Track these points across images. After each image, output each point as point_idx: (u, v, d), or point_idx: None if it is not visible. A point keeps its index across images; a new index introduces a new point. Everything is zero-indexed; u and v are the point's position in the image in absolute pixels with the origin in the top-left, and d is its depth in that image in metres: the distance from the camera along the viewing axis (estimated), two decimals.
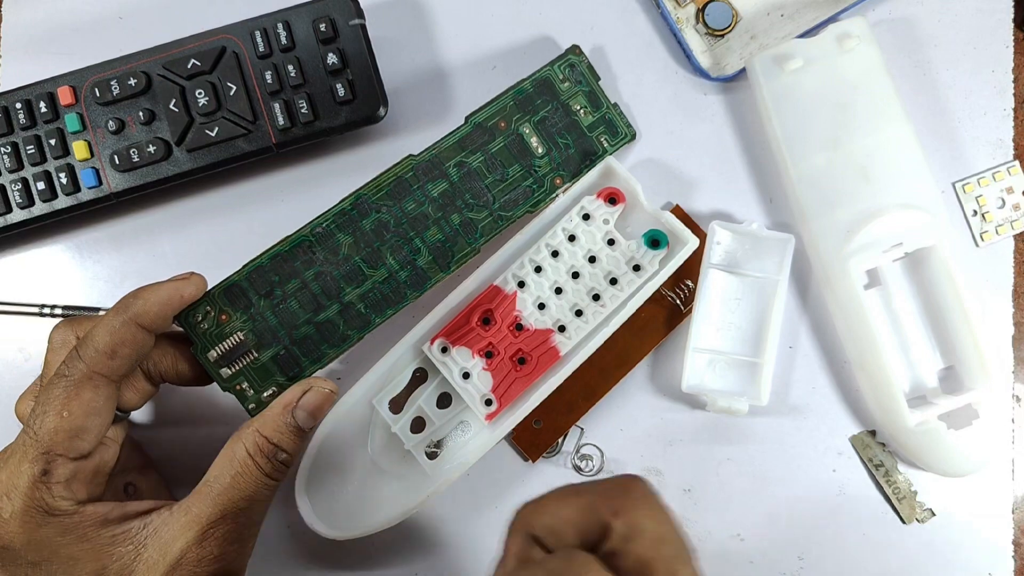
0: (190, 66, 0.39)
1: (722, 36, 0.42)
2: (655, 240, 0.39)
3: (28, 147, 0.39)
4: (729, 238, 0.40)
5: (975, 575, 0.40)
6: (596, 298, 0.38)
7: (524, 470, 0.41)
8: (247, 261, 0.37)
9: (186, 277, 0.35)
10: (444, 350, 0.38)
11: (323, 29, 0.39)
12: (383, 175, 0.38)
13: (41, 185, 0.39)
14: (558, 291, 0.38)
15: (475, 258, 0.38)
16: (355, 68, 0.39)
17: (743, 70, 0.41)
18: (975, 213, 0.42)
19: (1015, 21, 0.42)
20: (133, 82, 0.39)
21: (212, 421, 0.41)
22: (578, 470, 0.40)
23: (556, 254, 0.39)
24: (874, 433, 0.41)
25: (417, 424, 0.38)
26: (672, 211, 0.41)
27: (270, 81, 0.39)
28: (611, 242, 0.39)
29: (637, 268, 0.39)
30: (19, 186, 0.39)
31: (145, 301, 0.33)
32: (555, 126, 0.39)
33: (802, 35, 0.41)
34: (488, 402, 0.38)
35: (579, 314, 0.38)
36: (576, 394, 0.40)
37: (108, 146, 0.39)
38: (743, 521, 0.40)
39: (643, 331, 0.40)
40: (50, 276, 0.42)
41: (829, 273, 0.39)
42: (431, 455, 0.38)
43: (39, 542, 0.31)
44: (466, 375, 0.38)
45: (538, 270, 0.39)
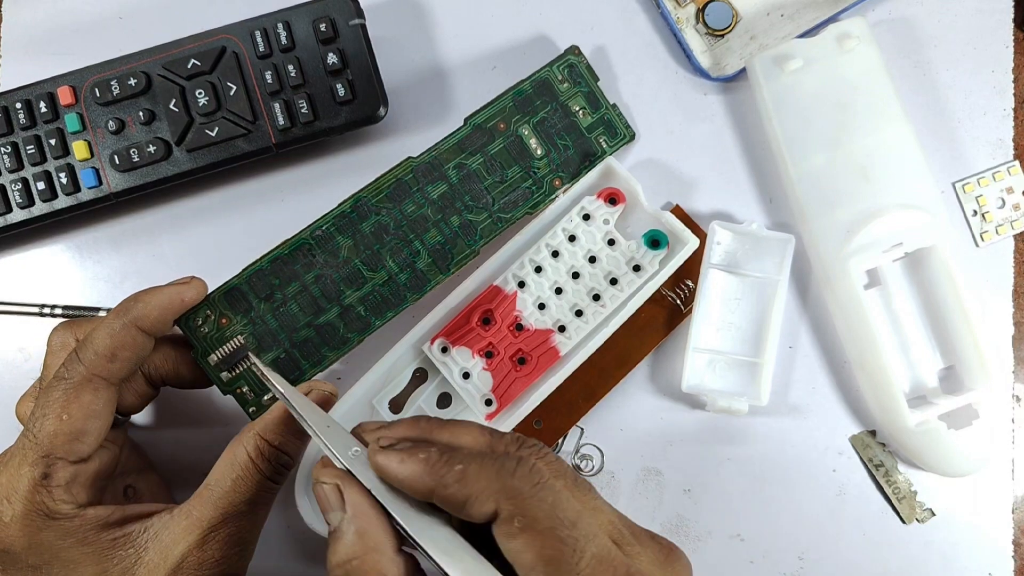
0: (190, 66, 0.39)
1: (722, 36, 0.42)
2: (655, 240, 0.39)
3: (28, 147, 0.39)
4: (729, 238, 0.40)
5: (975, 575, 0.40)
6: (596, 298, 0.38)
7: None
8: (247, 264, 0.37)
9: (187, 281, 0.35)
10: (444, 350, 0.38)
11: (323, 29, 0.39)
12: (382, 177, 0.38)
13: (41, 185, 0.39)
14: (558, 291, 0.38)
15: (475, 258, 0.38)
16: (355, 68, 0.39)
17: (743, 70, 0.41)
18: (975, 213, 0.42)
19: (1015, 21, 0.42)
20: (133, 82, 0.39)
21: (212, 423, 0.41)
22: (578, 470, 0.40)
23: (556, 254, 0.39)
24: (874, 433, 0.41)
25: None
26: (672, 211, 0.41)
27: (270, 81, 0.39)
28: (611, 242, 0.39)
29: (637, 268, 0.39)
30: (19, 186, 0.39)
31: (146, 304, 0.33)
32: (554, 127, 0.39)
33: (802, 35, 0.41)
34: (488, 402, 0.38)
35: (579, 314, 0.38)
36: (576, 394, 0.40)
37: (108, 146, 0.39)
38: (743, 521, 0.40)
39: (643, 331, 0.40)
40: (50, 276, 0.42)
41: (829, 273, 0.39)
42: None
43: (40, 546, 0.31)
44: (466, 375, 0.38)
45: (538, 270, 0.39)
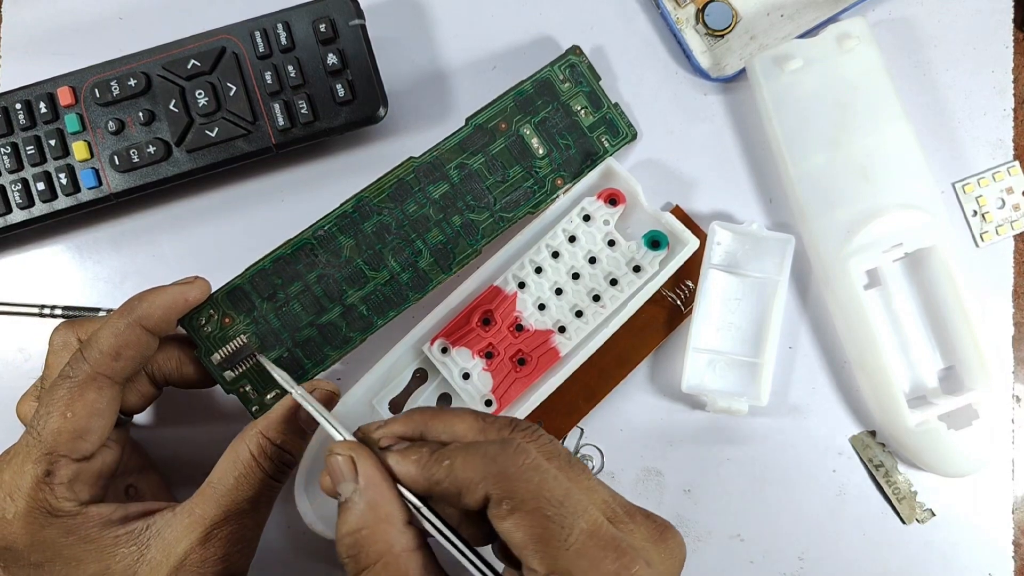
0: (190, 66, 0.39)
1: (722, 36, 0.42)
2: (655, 241, 0.39)
3: (28, 147, 0.39)
4: (729, 238, 0.40)
5: (975, 575, 0.40)
6: (596, 299, 0.38)
7: None
8: (250, 264, 0.37)
9: (190, 281, 0.35)
10: (444, 351, 0.38)
11: (323, 29, 0.39)
12: (384, 177, 0.38)
13: (41, 185, 0.39)
14: (558, 292, 0.38)
15: (475, 259, 0.38)
16: (355, 68, 0.39)
17: (743, 70, 0.41)
18: (975, 213, 0.42)
19: (1015, 21, 0.42)
20: (133, 82, 0.39)
21: (214, 422, 0.41)
22: None
23: (556, 255, 0.39)
24: (874, 433, 0.41)
25: None
26: (672, 212, 0.41)
27: (270, 81, 0.39)
28: (611, 243, 0.39)
29: (637, 269, 0.39)
30: (19, 186, 0.39)
31: (150, 304, 0.34)
32: (556, 127, 0.39)
33: (802, 35, 0.41)
34: (488, 403, 0.38)
35: (579, 315, 0.38)
36: (576, 395, 0.39)
37: (108, 146, 0.39)
38: (743, 521, 0.40)
39: (643, 332, 0.40)
40: (50, 276, 0.42)
41: (829, 273, 0.39)
42: None
43: (42, 543, 0.31)
44: (466, 376, 0.38)
45: (538, 271, 0.39)
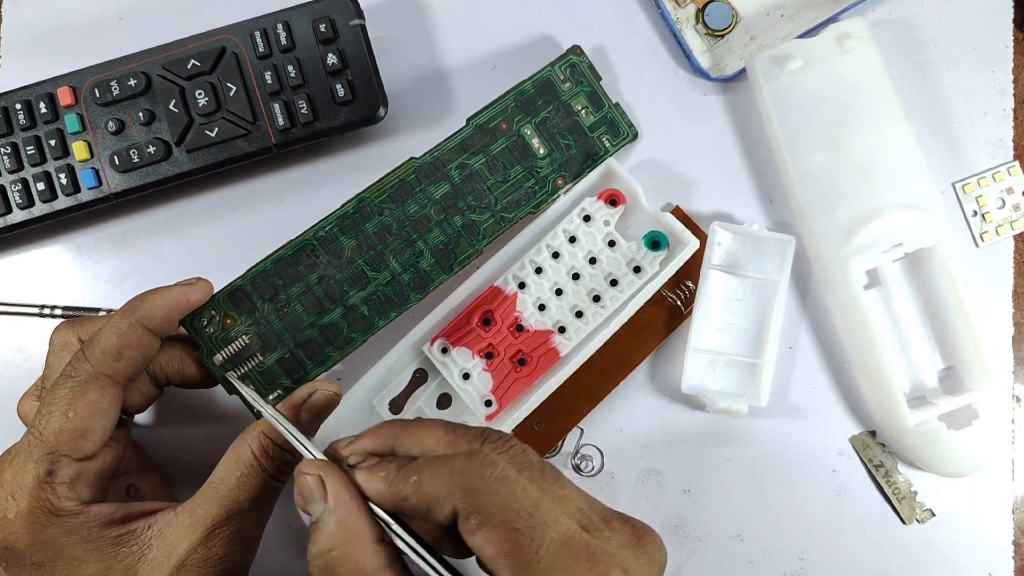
0: (190, 66, 0.39)
1: (722, 36, 0.42)
2: (655, 241, 0.39)
3: (28, 148, 0.39)
4: (730, 239, 0.40)
5: (975, 575, 0.40)
6: (596, 299, 0.38)
7: None
8: (251, 265, 0.37)
9: (193, 282, 0.36)
10: (444, 351, 0.38)
11: (323, 29, 0.39)
12: (385, 178, 0.38)
13: (41, 186, 0.39)
14: (558, 292, 0.38)
15: (476, 259, 0.38)
16: (355, 68, 0.39)
17: (743, 70, 0.41)
18: (975, 213, 0.42)
19: (1015, 21, 0.42)
20: (133, 82, 0.39)
21: (215, 422, 0.41)
22: (578, 470, 0.40)
23: (557, 255, 0.39)
24: (874, 433, 0.41)
25: None
26: (672, 212, 0.41)
27: (270, 81, 0.39)
28: (611, 243, 0.39)
29: (637, 269, 0.39)
30: (19, 187, 0.39)
31: (152, 304, 0.34)
32: (556, 127, 0.39)
33: (802, 35, 0.41)
34: (488, 403, 0.38)
35: (579, 315, 0.38)
36: (576, 396, 0.39)
37: (108, 147, 0.39)
38: (743, 521, 0.40)
39: (643, 332, 0.40)
40: (50, 276, 0.42)
41: (829, 273, 0.39)
42: None
43: (44, 542, 0.31)
44: (466, 376, 0.38)
45: (538, 271, 0.38)
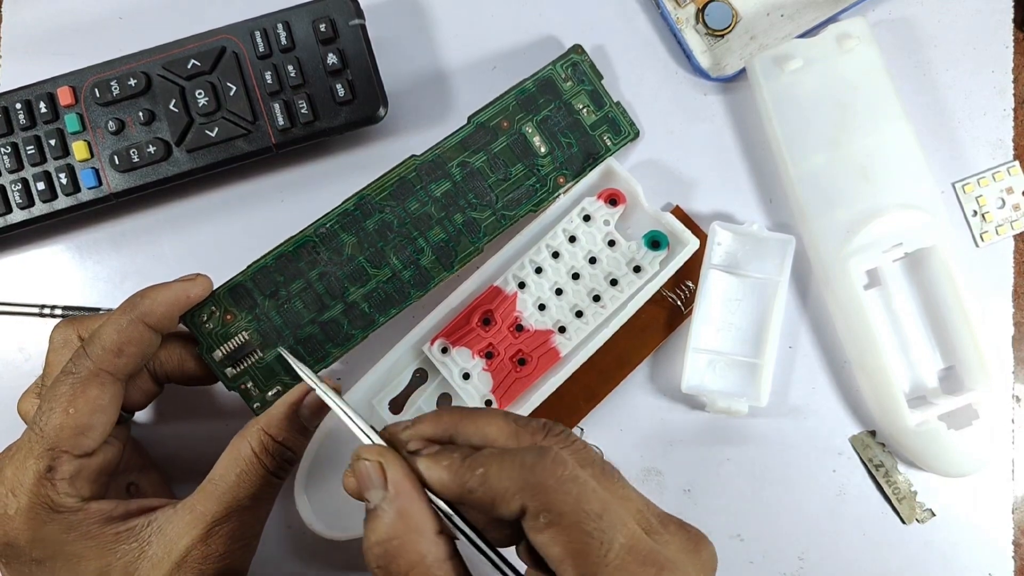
0: (190, 66, 0.39)
1: (722, 36, 0.42)
2: (655, 241, 0.39)
3: (28, 147, 0.39)
4: (730, 239, 0.40)
5: (975, 575, 0.40)
6: (596, 299, 0.38)
7: None
8: (251, 262, 0.37)
9: (192, 278, 0.35)
10: (444, 351, 0.38)
11: (323, 29, 0.39)
12: (386, 175, 0.38)
13: (41, 185, 0.39)
14: (558, 292, 0.38)
15: (475, 259, 0.38)
16: (355, 68, 0.39)
17: (743, 70, 0.41)
18: (975, 213, 0.42)
19: (1015, 21, 0.42)
20: (133, 82, 0.39)
21: (215, 419, 0.41)
22: None
23: (556, 255, 0.39)
24: (874, 433, 0.41)
25: None
26: (672, 212, 0.41)
27: (270, 81, 0.39)
28: (611, 243, 0.39)
29: (637, 269, 0.39)
30: (19, 186, 0.39)
31: (152, 300, 0.34)
32: (558, 125, 0.39)
33: (802, 35, 0.41)
34: (488, 403, 0.38)
35: (579, 315, 0.38)
36: (577, 396, 0.39)
37: (108, 146, 0.39)
38: (743, 521, 0.40)
39: (643, 332, 0.40)
40: (50, 276, 0.42)
41: (829, 273, 0.39)
42: None
43: (43, 539, 0.31)
44: (466, 376, 0.38)
45: (538, 271, 0.38)
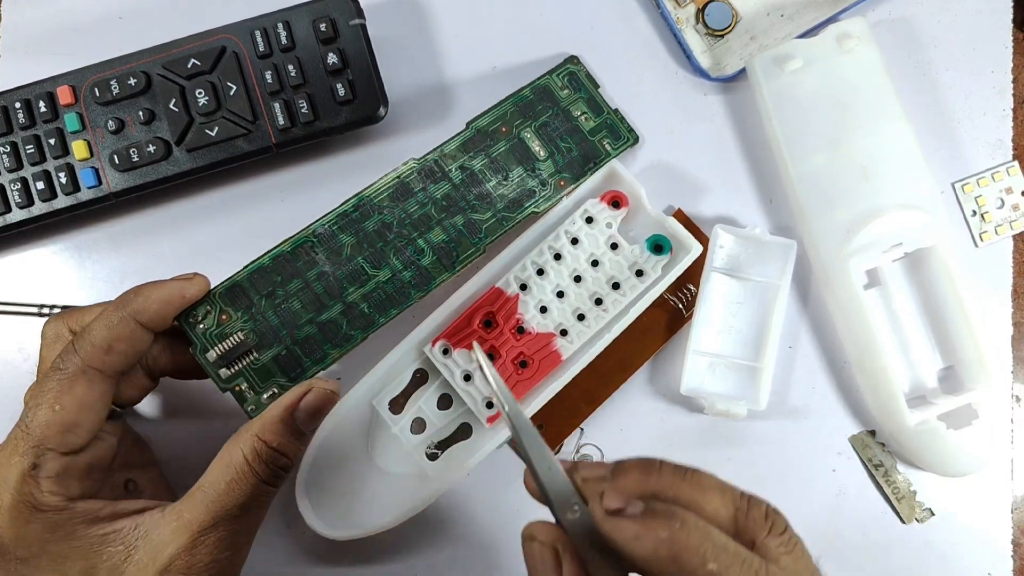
0: (190, 66, 0.39)
1: (722, 36, 0.42)
2: (658, 245, 0.39)
3: (27, 147, 0.39)
4: (732, 242, 0.40)
5: (975, 575, 0.40)
6: (598, 302, 0.38)
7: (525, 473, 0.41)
8: (249, 261, 0.37)
9: (189, 277, 0.35)
10: (445, 352, 0.38)
11: (323, 29, 0.39)
12: (385, 177, 0.38)
13: (40, 185, 0.39)
14: (560, 295, 0.38)
15: (477, 260, 0.38)
16: (355, 68, 0.39)
17: (743, 70, 0.41)
18: (974, 213, 0.42)
19: (1015, 21, 0.42)
20: (133, 82, 0.39)
21: (215, 416, 0.41)
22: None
23: (559, 257, 0.39)
24: (874, 433, 0.41)
25: (417, 425, 0.38)
26: (674, 215, 0.41)
27: (270, 81, 0.39)
28: (614, 246, 0.39)
29: (640, 273, 0.39)
30: (18, 186, 0.39)
31: (146, 298, 0.33)
32: (556, 130, 0.39)
33: (802, 35, 0.41)
34: (489, 405, 0.38)
35: (581, 318, 0.38)
36: (577, 399, 0.39)
37: (108, 146, 0.39)
38: None
39: (645, 336, 0.40)
40: (50, 276, 0.42)
41: (829, 273, 0.39)
42: (432, 456, 0.38)
43: (27, 538, 0.30)
44: (467, 377, 0.38)
45: (540, 273, 0.38)
